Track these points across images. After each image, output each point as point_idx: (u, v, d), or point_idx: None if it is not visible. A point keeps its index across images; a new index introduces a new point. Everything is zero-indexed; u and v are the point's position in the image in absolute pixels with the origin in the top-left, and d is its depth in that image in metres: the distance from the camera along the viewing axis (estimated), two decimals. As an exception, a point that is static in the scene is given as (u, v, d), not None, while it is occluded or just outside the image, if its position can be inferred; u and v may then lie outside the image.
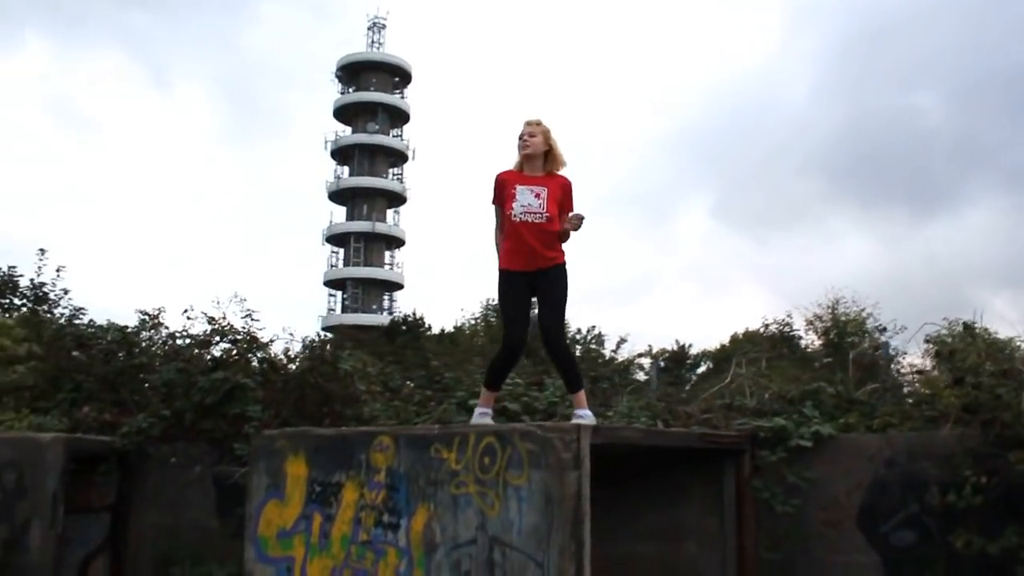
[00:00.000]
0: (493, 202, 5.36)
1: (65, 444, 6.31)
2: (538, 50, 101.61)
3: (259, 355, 8.47)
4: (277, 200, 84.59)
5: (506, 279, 5.22)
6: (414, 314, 39.79)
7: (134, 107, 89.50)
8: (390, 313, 54.02)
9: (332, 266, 59.16)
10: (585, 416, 4.86)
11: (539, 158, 5.29)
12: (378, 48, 58.89)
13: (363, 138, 57.48)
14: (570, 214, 5.15)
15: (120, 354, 8.79)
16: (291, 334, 9.39)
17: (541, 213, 5.10)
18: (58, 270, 14.05)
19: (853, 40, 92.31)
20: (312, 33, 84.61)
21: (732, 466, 5.86)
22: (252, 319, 8.69)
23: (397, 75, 59.07)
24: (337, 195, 58.66)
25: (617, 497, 6.27)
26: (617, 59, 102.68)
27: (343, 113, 58.69)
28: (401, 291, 59.77)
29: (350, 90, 58.41)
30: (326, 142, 58.80)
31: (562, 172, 5.38)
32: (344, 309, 57.89)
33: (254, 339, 8.51)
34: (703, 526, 5.99)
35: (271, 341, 8.68)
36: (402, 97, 59.39)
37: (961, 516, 5.07)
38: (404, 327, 38.13)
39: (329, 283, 59.09)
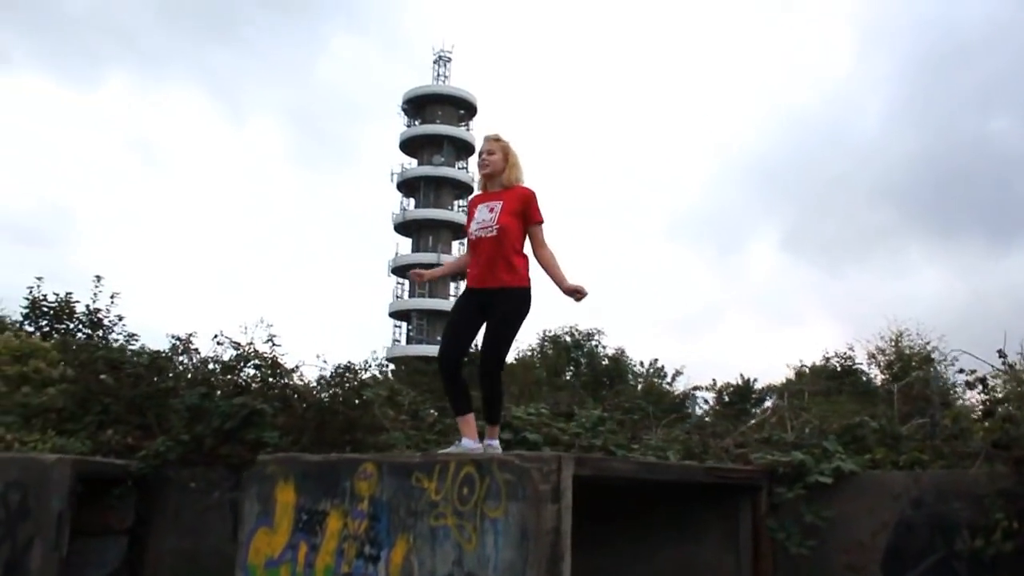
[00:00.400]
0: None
1: (73, 465, 6.27)
2: (602, 78, 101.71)
3: (282, 381, 8.41)
4: (345, 231, 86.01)
5: (462, 295, 5.14)
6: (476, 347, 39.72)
7: (210, 140, 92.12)
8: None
9: (397, 297, 59.67)
10: (492, 446, 4.73)
11: (500, 175, 5.10)
12: (444, 81, 59.66)
13: (429, 170, 58.09)
14: (576, 287, 4.90)
15: (153, 378, 8.81)
16: (324, 361, 9.30)
17: (492, 226, 4.89)
18: (112, 296, 14.33)
19: (926, 61, 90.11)
20: (380, 66, 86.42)
21: (748, 503, 5.52)
22: (274, 344, 8.64)
23: (462, 107, 59.69)
24: (403, 227, 59.30)
25: (633, 532, 5.98)
26: (684, 87, 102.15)
27: (409, 145, 59.47)
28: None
29: (416, 122, 59.21)
30: (392, 174, 59.63)
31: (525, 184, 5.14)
32: (409, 340, 58.18)
33: (276, 365, 8.46)
34: (719, 565, 5.64)
35: (296, 368, 8.63)
36: (467, 129, 59.92)
37: (991, 563, 4.65)
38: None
39: (394, 314, 59.55)
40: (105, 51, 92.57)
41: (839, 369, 20.16)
